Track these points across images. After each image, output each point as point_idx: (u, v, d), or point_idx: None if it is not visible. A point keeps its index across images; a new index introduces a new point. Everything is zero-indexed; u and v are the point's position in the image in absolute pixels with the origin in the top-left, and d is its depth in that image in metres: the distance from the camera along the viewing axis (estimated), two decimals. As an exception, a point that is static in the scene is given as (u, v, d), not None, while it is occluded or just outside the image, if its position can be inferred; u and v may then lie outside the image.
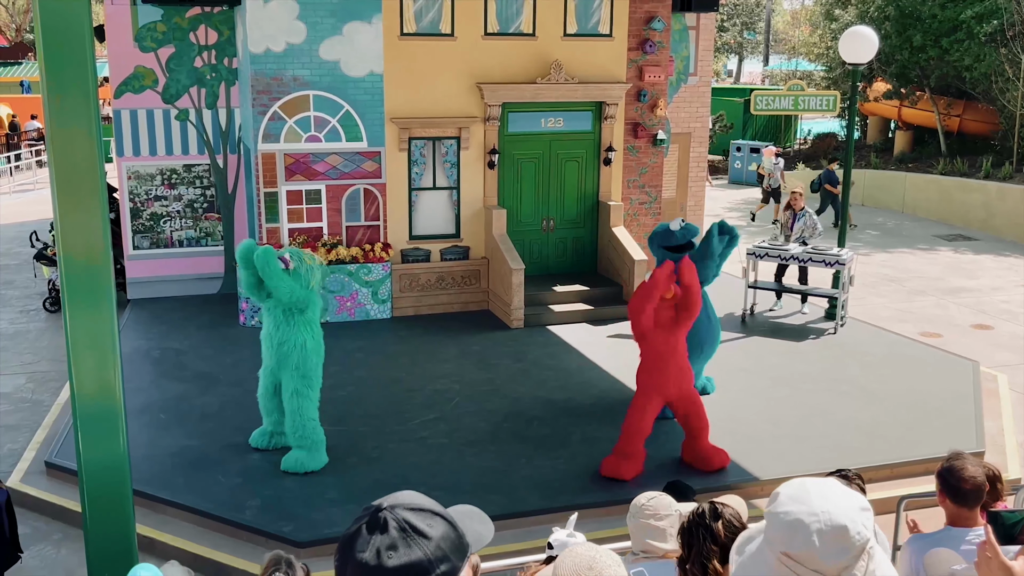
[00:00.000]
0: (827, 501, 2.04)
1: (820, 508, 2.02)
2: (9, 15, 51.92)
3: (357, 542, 1.78)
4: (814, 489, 2.08)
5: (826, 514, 2.01)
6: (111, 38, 14.26)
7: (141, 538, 6.43)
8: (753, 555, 2.16)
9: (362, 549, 1.77)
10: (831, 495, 2.06)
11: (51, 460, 9.39)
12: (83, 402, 5.21)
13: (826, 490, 2.08)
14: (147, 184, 14.84)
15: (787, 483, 2.15)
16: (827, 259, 13.60)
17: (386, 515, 1.80)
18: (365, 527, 1.80)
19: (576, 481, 8.87)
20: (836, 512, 2.01)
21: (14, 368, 12.79)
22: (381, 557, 1.76)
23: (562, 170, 14.77)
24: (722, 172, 30.84)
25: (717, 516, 3.58)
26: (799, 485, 2.11)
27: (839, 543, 1.99)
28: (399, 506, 1.82)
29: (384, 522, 1.79)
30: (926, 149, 27.04)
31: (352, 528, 1.82)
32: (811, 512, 2.01)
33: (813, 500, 2.04)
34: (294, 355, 8.80)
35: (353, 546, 1.78)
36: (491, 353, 12.41)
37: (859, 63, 13.88)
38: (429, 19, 13.72)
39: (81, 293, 5.08)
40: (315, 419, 8.97)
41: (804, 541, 1.99)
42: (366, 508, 1.85)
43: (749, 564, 2.16)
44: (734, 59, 56.30)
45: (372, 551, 1.76)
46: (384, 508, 1.81)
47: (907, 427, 10.12)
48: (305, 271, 8.72)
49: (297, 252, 8.85)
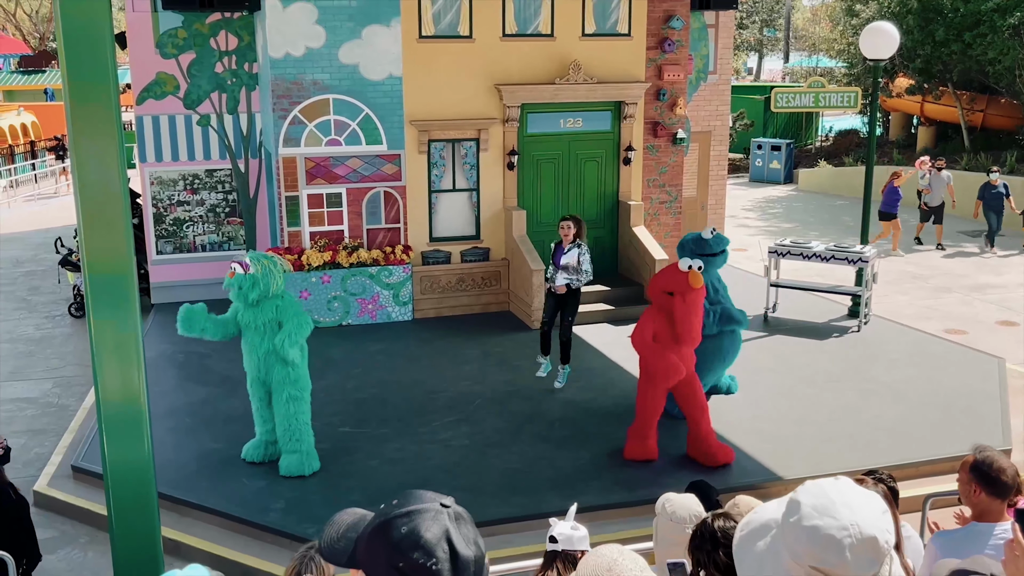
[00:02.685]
0: (853, 511, 1.99)
1: (849, 521, 1.97)
2: (33, 24, 52.46)
3: (455, 540, 1.79)
4: (837, 497, 2.02)
5: (856, 527, 1.97)
6: (133, 45, 14.38)
7: (167, 540, 6.46)
8: (767, 558, 2.10)
9: (463, 544, 1.79)
10: (855, 503, 2.01)
11: (77, 464, 9.47)
12: (108, 406, 5.25)
13: (848, 497, 2.02)
14: (170, 189, 14.95)
15: (803, 489, 2.08)
16: (850, 257, 13.50)
17: (455, 509, 1.85)
18: (452, 524, 1.81)
19: (599, 482, 8.85)
20: (865, 523, 1.97)
21: (41, 373, 12.91)
22: (479, 547, 1.83)
23: (581, 170, 14.75)
24: (743, 170, 30.72)
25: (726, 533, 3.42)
26: (820, 492, 2.05)
27: (871, 554, 1.96)
28: (446, 500, 1.88)
29: (459, 516, 1.84)
30: (949, 145, 26.81)
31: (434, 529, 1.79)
32: (841, 527, 1.97)
33: (840, 511, 1.99)
34: (277, 363, 8.66)
35: (454, 544, 1.78)
36: (512, 354, 12.41)
37: (880, 59, 13.78)
38: (447, 21, 13.74)
39: (105, 298, 5.12)
40: (309, 423, 8.91)
41: (836, 557, 1.96)
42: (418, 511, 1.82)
43: (763, 568, 2.11)
44: (754, 57, 56.06)
45: (472, 544, 1.81)
46: (449, 505, 1.85)
47: (933, 425, 10.03)
48: (265, 274, 8.51)
49: (256, 255, 8.71)
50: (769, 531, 2.12)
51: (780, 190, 28.20)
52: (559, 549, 3.53)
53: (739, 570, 2.16)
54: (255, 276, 8.49)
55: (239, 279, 8.50)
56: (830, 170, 28.18)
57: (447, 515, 1.82)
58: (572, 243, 10.77)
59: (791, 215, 24.03)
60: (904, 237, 19.72)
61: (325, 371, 11.71)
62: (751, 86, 40.00)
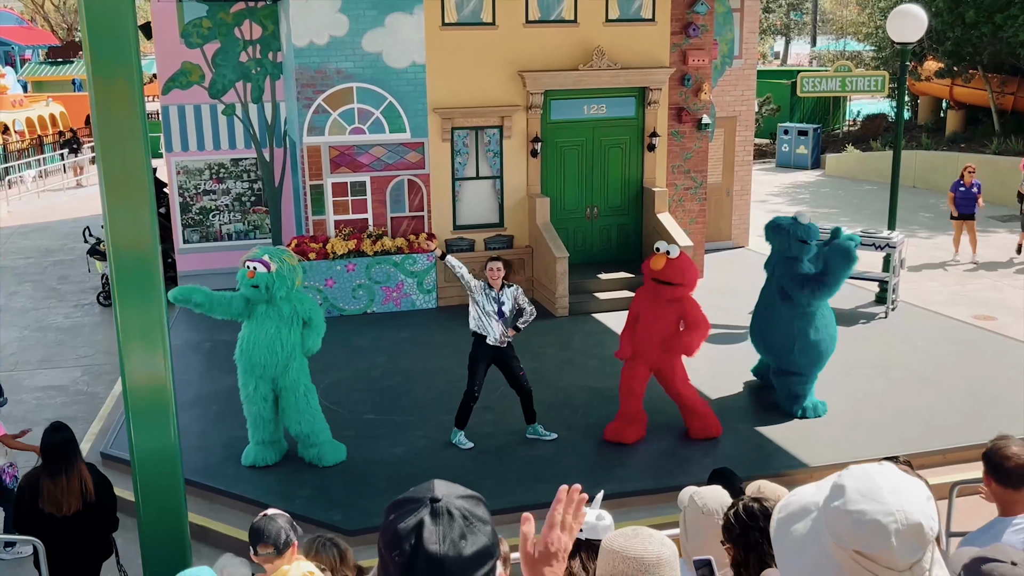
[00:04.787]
0: (900, 497, 1.96)
1: (896, 506, 1.95)
2: (60, 15, 52.93)
3: (424, 535, 1.76)
4: (883, 483, 1.99)
5: (902, 512, 1.94)
6: (158, 35, 14.47)
7: (194, 527, 6.53)
8: (808, 542, 2.08)
9: (434, 541, 1.75)
10: (900, 489, 1.99)
11: (106, 451, 9.59)
12: (134, 394, 5.29)
13: (894, 482, 2.00)
14: (196, 179, 15.05)
15: (847, 474, 2.05)
16: (877, 242, 13.37)
17: (446, 505, 1.79)
18: (429, 519, 1.78)
19: (624, 469, 8.85)
20: (911, 509, 1.95)
21: (70, 361, 13.07)
22: (457, 547, 1.76)
23: (606, 157, 14.69)
24: (769, 156, 30.48)
25: (767, 514, 3.52)
26: (865, 477, 2.02)
27: (916, 540, 1.94)
28: (450, 495, 1.82)
29: (448, 512, 1.78)
30: (979, 128, 26.46)
31: (409, 521, 1.78)
32: (887, 512, 1.94)
33: (886, 497, 1.96)
34: (297, 357, 8.71)
35: (422, 539, 1.76)
36: (536, 342, 12.40)
37: (908, 42, 13.60)
38: (470, 8, 13.70)
39: (131, 287, 5.16)
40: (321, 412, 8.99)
41: (882, 542, 1.94)
42: (409, 500, 1.82)
43: (803, 552, 2.08)
44: (781, 41, 55.54)
45: (446, 543, 1.76)
46: (440, 499, 1.80)
47: (961, 412, 9.93)
48: (288, 270, 8.54)
49: (272, 252, 8.68)
50: (808, 514, 2.10)
51: (807, 175, 27.95)
52: (583, 538, 3.52)
53: (777, 553, 2.15)
54: (281, 273, 8.48)
55: (264, 278, 8.43)
56: (858, 155, 27.89)
57: (429, 510, 1.78)
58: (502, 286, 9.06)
59: (819, 201, 23.83)
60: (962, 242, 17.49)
61: (350, 359, 11.76)
62: (777, 70, 39.63)
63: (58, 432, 6.46)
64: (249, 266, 8.49)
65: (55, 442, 6.39)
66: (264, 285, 8.44)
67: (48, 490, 6.29)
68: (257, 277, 8.43)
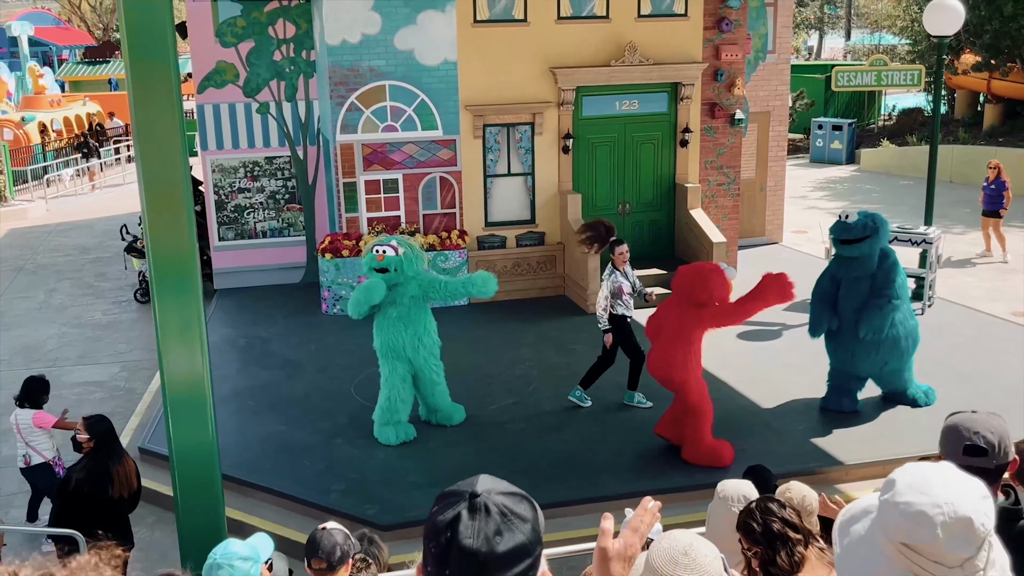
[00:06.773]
0: (950, 491, 1.95)
1: (944, 499, 1.94)
2: (96, 15, 53.58)
3: (460, 529, 1.77)
4: (934, 477, 1.99)
5: (950, 505, 1.93)
6: (193, 34, 14.62)
7: (231, 521, 6.61)
8: (862, 539, 2.09)
9: (468, 536, 1.76)
10: (952, 483, 1.97)
11: (144, 446, 9.72)
12: (172, 389, 5.37)
13: (947, 477, 1.99)
14: (231, 177, 15.19)
15: (901, 469, 2.06)
16: (913, 238, 13.22)
17: (485, 500, 1.80)
18: (466, 513, 1.79)
19: (655, 466, 8.84)
20: (960, 503, 1.93)
21: (109, 357, 13.25)
22: (491, 543, 1.76)
23: (638, 153, 14.65)
24: (803, 151, 30.21)
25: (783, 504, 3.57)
26: (917, 472, 2.02)
27: (964, 535, 1.93)
28: (492, 491, 1.82)
29: (486, 508, 1.79)
30: (1018, 122, 26.05)
31: (447, 514, 1.80)
32: (934, 504, 1.93)
33: (935, 490, 1.95)
34: (428, 337, 9.27)
35: (457, 533, 1.77)
36: (568, 338, 12.41)
37: (945, 35, 13.43)
38: (502, 5, 13.72)
39: (169, 284, 5.24)
40: None
41: (928, 533, 1.92)
42: (452, 493, 1.84)
43: (858, 549, 2.10)
44: (815, 35, 55.00)
45: (480, 538, 1.76)
46: (480, 494, 1.81)
47: (996, 409, 9.74)
48: (415, 254, 9.11)
49: (398, 239, 9.20)
50: (867, 515, 2.12)
51: (842, 171, 27.67)
52: None
53: (836, 554, 2.20)
54: (409, 255, 9.02)
55: (393, 260, 8.94)
56: (893, 150, 27.57)
57: (467, 504, 1.80)
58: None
59: (854, 196, 23.59)
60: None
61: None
62: (812, 65, 39.23)
63: (105, 420, 6.83)
64: (378, 250, 9.00)
65: (110, 428, 6.72)
66: (393, 267, 8.96)
67: (118, 474, 6.63)
68: (386, 260, 8.96)
